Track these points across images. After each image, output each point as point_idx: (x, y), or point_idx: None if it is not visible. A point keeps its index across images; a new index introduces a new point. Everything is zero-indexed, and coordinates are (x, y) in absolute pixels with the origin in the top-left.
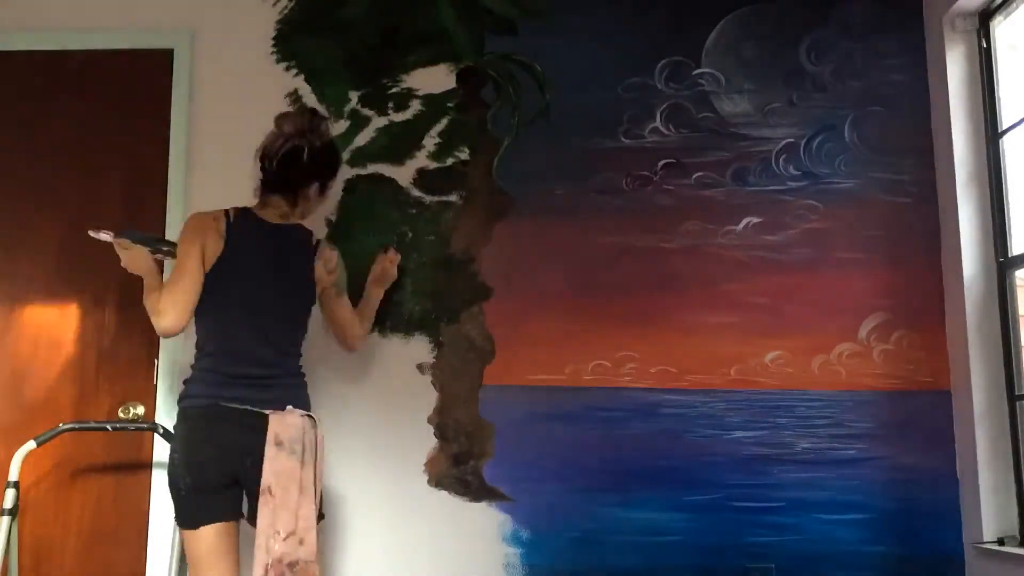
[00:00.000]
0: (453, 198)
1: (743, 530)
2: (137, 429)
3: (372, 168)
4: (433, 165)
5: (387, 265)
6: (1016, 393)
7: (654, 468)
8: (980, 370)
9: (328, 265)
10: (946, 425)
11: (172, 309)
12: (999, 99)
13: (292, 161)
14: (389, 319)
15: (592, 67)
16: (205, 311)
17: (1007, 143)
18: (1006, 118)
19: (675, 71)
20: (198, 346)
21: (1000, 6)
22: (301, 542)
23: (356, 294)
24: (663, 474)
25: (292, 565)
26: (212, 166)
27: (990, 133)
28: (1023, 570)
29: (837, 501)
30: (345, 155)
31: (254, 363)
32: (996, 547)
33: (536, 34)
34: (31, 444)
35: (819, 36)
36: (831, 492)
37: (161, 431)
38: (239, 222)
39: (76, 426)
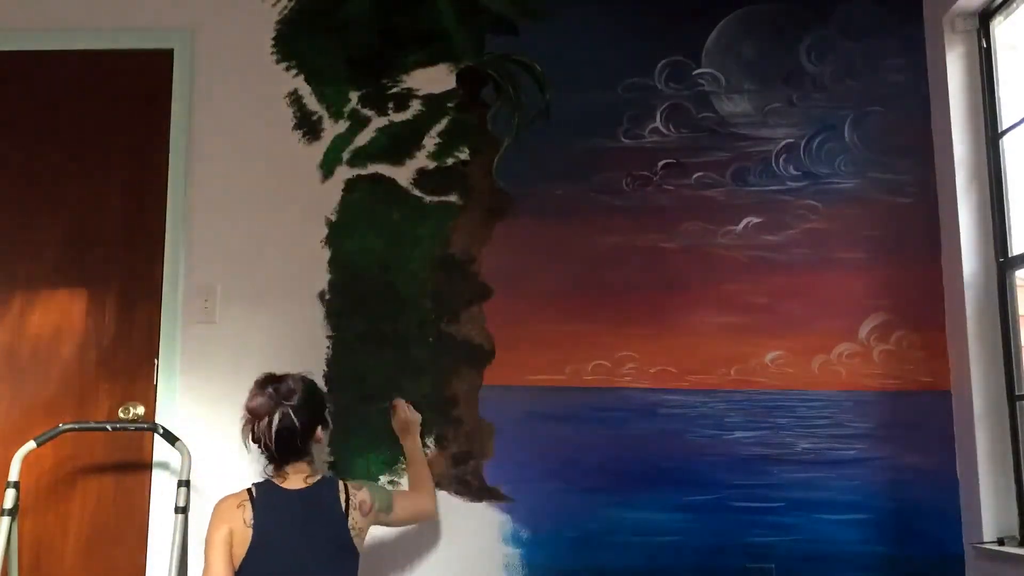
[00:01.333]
0: (453, 198)
1: (743, 530)
2: (137, 429)
3: (372, 168)
4: (433, 165)
5: (401, 415)
6: (1016, 393)
7: (654, 468)
8: (980, 370)
9: (363, 508)
10: (946, 425)
11: None
12: (999, 99)
13: (286, 433)
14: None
15: (592, 67)
16: None
17: (1007, 143)
18: (1006, 118)
19: (675, 71)
20: None
21: (1000, 6)
22: None
23: (357, 292)
24: (663, 474)
25: None
26: (212, 166)
27: (990, 133)
28: (1023, 570)
29: (837, 501)
30: (345, 155)
31: None
32: (996, 547)
33: (536, 34)
34: (31, 444)
35: (819, 36)
36: (831, 492)
37: (161, 431)
38: (262, 502)
39: (76, 426)
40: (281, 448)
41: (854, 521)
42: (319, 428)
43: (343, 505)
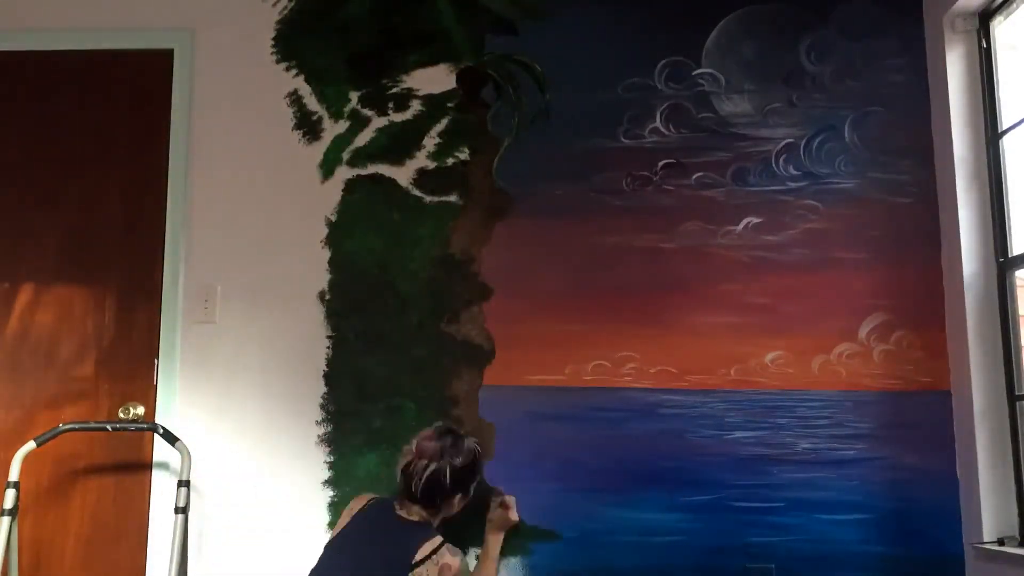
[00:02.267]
0: (453, 198)
1: (743, 530)
2: (137, 429)
3: (372, 168)
4: (433, 165)
5: (503, 515)
6: (1016, 393)
7: (654, 468)
8: (980, 370)
9: (444, 571)
10: (946, 425)
11: None
12: (999, 99)
13: (435, 485)
14: None
15: (592, 67)
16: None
17: (1007, 143)
18: (1006, 118)
19: (675, 71)
20: None
21: (1000, 6)
22: None
23: (357, 292)
24: (663, 474)
25: None
26: (212, 166)
27: (990, 133)
28: (1023, 570)
29: (837, 501)
30: (345, 155)
31: None
32: (996, 547)
33: (536, 34)
34: (31, 444)
35: (819, 36)
36: (831, 492)
37: (161, 431)
38: (371, 510)
39: (76, 426)
40: (423, 494)
41: (854, 521)
42: (459, 495)
43: (418, 555)
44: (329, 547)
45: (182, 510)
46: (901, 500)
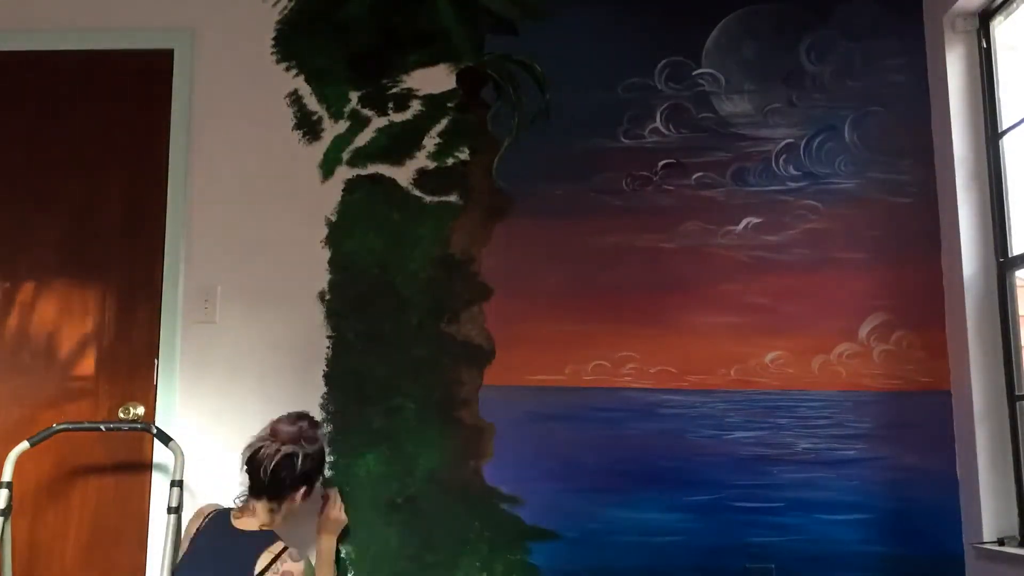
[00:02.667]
0: (453, 198)
1: (743, 530)
2: (131, 429)
3: (372, 168)
4: (433, 165)
5: (332, 513)
6: (1016, 393)
7: (654, 468)
8: (980, 370)
9: None
10: (946, 425)
11: None
12: (999, 99)
13: (285, 469)
14: None
15: (592, 67)
16: None
17: (1007, 143)
18: (1006, 118)
19: (675, 71)
20: None
21: (1000, 6)
22: None
23: (357, 292)
24: (663, 474)
25: None
26: (212, 166)
27: (990, 133)
28: (1023, 571)
29: (837, 501)
30: (345, 155)
31: None
32: (996, 547)
33: (536, 34)
34: (24, 445)
35: (819, 36)
36: (831, 492)
37: (154, 431)
38: (208, 528)
39: (69, 426)
40: (271, 480)
41: (854, 521)
42: (303, 489)
43: (258, 567)
44: (177, 573)
45: (175, 510)
46: (901, 500)
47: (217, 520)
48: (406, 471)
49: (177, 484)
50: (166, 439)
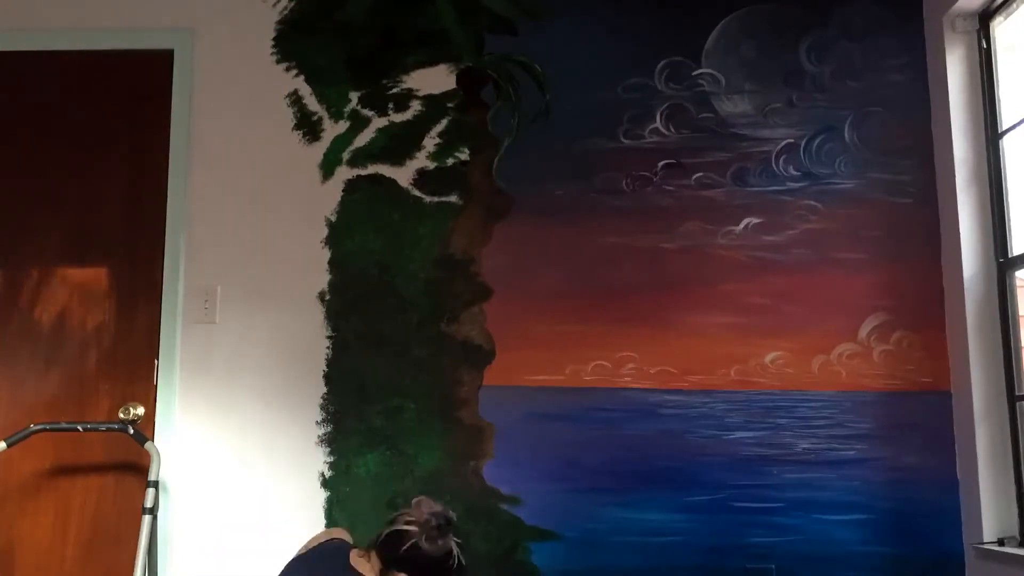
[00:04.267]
0: (453, 198)
1: (743, 531)
2: (108, 430)
3: (372, 168)
4: (433, 165)
5: None
6: (1016, 394)
7: (654, 468)
8: (980, 371)
9: None
10: (946, 426)
11: None
12: (999, 99)
13: (392, 542)
14: None
15: (592, 67)
16: None
17: (1007, 143)
18: (1006, 118)
19: (675, 71)
20: None
21: (1000, 7)
22: None
23: (357, 292)
24: (663, 474)
25: None
26: (212, 166)
27: (990, 133)
28: (1023, 571)
29: (837, 502)
30: (345, 155)
31: None
32: (996, 547)
33: (536, 34)
34: (1, 444)
35: (819, 36)
36: (831, 493)
37: (131, 432)
38: (327, 547)
39: (47, 427)
40: (381, 542)
41: (854, 521)
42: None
43: None
44: (288, 567)
45: (150, 511)
46: (901, 500)
47: (338, 547)
48: (406, 471)
49: (153, 485)
50: (142, 439)
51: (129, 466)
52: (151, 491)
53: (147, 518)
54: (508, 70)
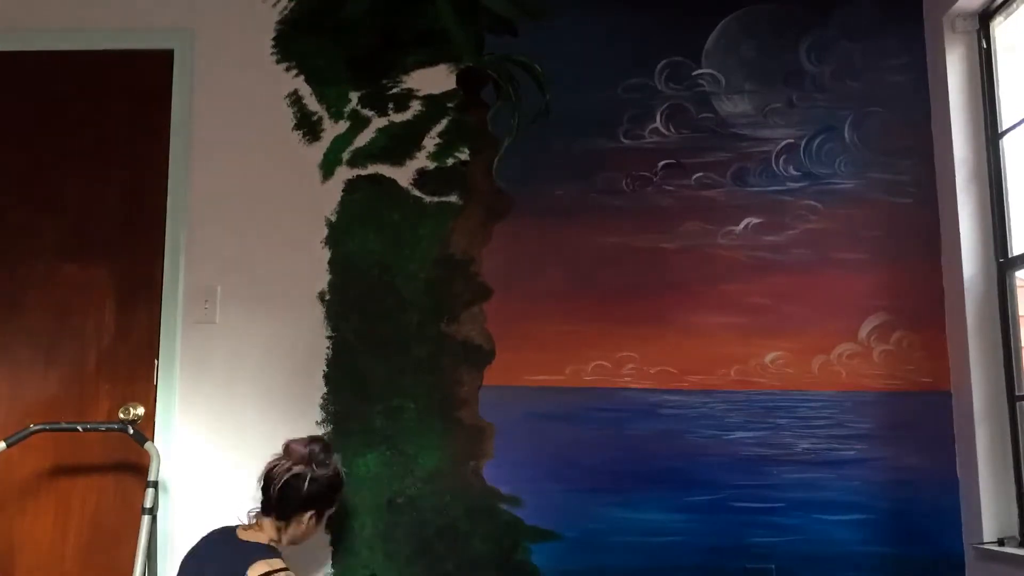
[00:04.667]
0: (453, 198)
1: (743, 531)
2: (108, 430)
3: (372, 168)
4: (433, 165)
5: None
6: (1016, 394)
7: (654, 469)
8: (980, 371)
9: None
10: (946, 426)
11: None
12: (999, 99)
13: (292, 489)
14: None
15: (592, 67)
16: None
17: (1007, 143)
18: (1006, 118)
19: (675, 71)
20: None
21: (1000, 7)
22: None
23: (357, 292)
24: (663, 475)
25: None
26: (212, 166)
27: (990, 133)
28: (1023, 571)
29: (837, 502)
30: (345, 155)
31: None
32: (996, 547)
33: (536, 34)
34: (0, 445)
35: (819, 36)
36: (831, 493)
37: (131, 432)
38: (211, 536)
39: (46, 427)
40: (279, 498)
41: (854, 521)
42: (311, 513)
43: (250, 570)
44: (181, 566)
45: (150, 511)
46: (901, 500)
47: (223, 531)
48: (406, 471)
49: (152, 485)
50: (142, 439)
51: (129, 466)
52: (151, 491)
53: (146, 518)
54: (508, 70)
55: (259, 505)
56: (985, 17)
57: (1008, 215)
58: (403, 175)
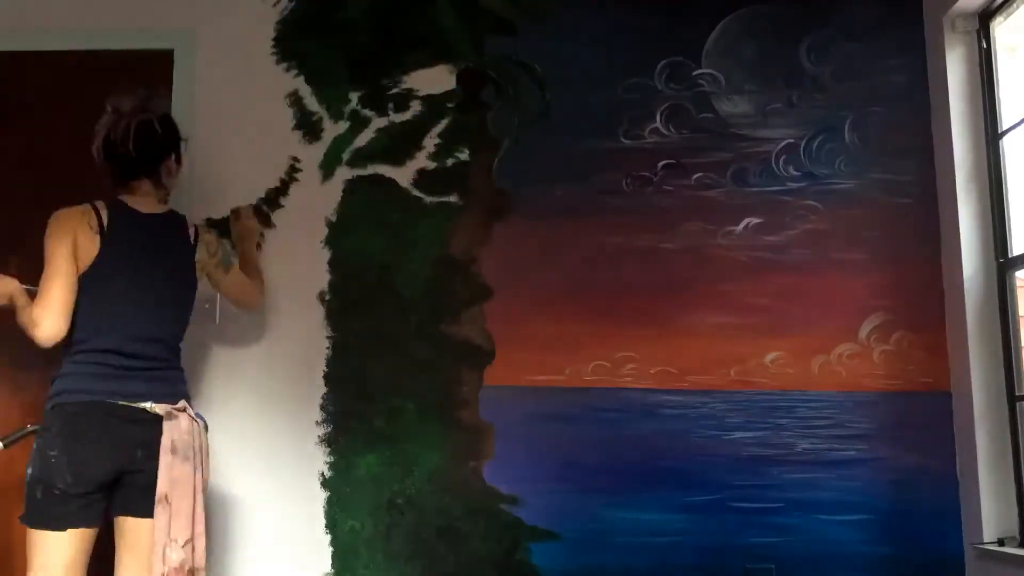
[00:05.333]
0: (453, 198)
1: (743, 531)
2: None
3: (372, 169)
4: (433, 166)
5: (243, 223)
6: (1016, 394)
7: (654, 469)
8: (980, 371)
9: (210, 248)
10: (946, 426)
11: (48, 316)
12: (999, 100)
13: (146, 136)
14: None
15: (592, 67)
16: (83, 309)
17: (1007, 143)
18: (1006, 118)
19: (675, 71)
20: (74, 342)
21: (1000, 7)
22: (194, 548)
23: (357, 292)
24: (663, 475)
25: (190, 572)
26: (212, 166)
27: (990, 133)
28: (1023, 571)
29: (837, 502)
30: (345, 156)
31: (136, 356)
32: (996, 548)
33: (536, 34)
34: None
35: (819, 36)
36: (831, 493)
37: (36, 428)
38: (114, 217)
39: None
40: (139, 153)
41: (854, 522)
42: (174, 155)
43: (192, 239)
44: (103, 261)
45: None
46: (901, 500)
47: (116, 209)
48: (406, 471)
49: None
50: None
51: None
52: None
53: None
54: (508, 70)
55: (120, 176)
56: (985, 17)
57: (1008, 215)
58: (403, 175)
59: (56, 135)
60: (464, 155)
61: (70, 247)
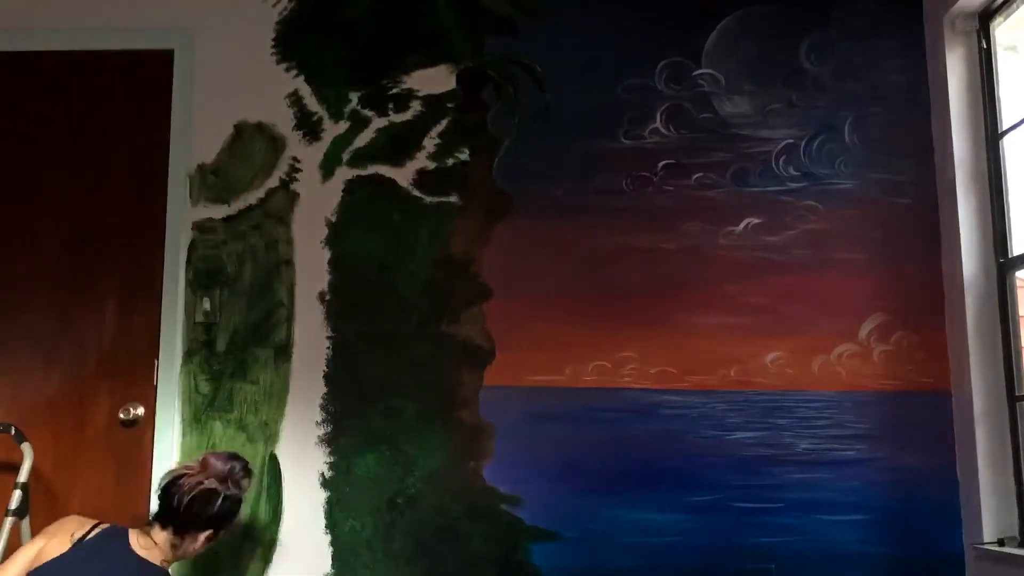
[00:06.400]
0: (453, 199)
1: (743, 531)
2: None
3: (372, 169)
4: (433, 166)
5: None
6: (1016, 394)
7: (654, 469)
8: (980, 371)
9: None
10: (946, 426)
11: None
12: (999, 100)
13: (203, 502)
14: None
15: (592, 67)
16: None
17: (1007, 143)
18: (1006, 119)
19: (675, 72)
20: None
21: (1000, 7)
22: None
23: (357, 292)
24: (663, 475)
25: None
26: (213, 166)
27: (990, 133)
28: (1023, 571)
29: (837, 502)
30: (345, 156)
31: None
32: (996, 548)
33: (536, 34)
34: None
35: (819, 36)
36: (831, 493)
37: (12, 431)
38: (100, 538)
39: None
40: (184, 511)
41: (854, 522)
42: (208, 532)
43: None
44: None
45: (16, 512)
46: (901, 500)
47: (112, 535)
48: (406, 471)
49: (20, 486)
50: (21, 438)
51: (129, 465)
52: (18, 492)
53: (10, 519)
54: (508, 70)
55: (152, 515)
56: (985, 17)
57: (1008, 215)
58: (403, 175)
59: (57, 135)
60: (464, 155)
61: (43, 542)
